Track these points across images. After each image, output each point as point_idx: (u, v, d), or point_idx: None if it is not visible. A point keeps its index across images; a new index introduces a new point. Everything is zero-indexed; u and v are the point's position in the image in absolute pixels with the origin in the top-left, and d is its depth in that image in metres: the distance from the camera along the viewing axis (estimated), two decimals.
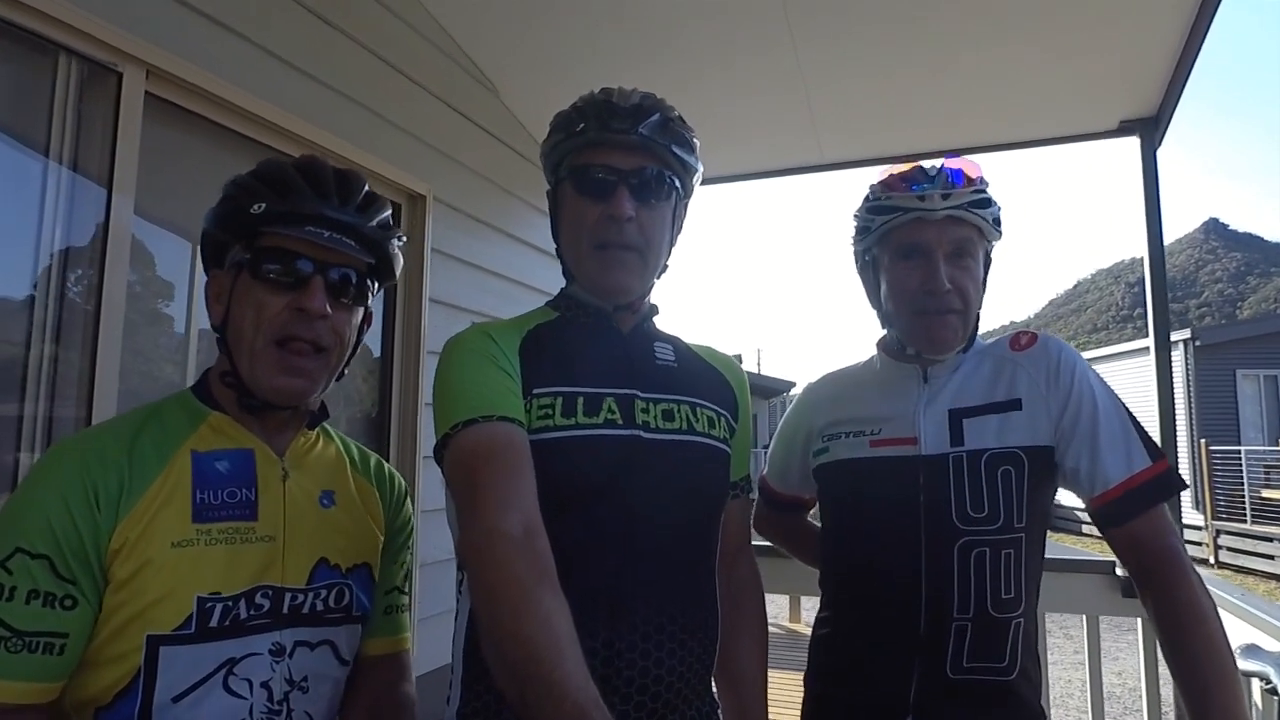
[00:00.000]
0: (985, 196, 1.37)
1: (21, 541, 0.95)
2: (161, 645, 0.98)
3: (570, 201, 1.20)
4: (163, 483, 1.04)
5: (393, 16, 3.03)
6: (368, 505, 1.26)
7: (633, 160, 1.17)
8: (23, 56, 1.86)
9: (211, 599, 1.02)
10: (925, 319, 1.37)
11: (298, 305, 1.09)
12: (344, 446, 1.30)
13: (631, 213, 1.15)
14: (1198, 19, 2.71)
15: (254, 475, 1.11)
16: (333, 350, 1.14)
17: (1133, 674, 6.70)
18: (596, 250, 1.18)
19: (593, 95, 1.20)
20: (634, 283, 1.20)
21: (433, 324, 3.19)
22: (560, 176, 1.23)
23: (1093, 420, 1.31)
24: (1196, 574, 1.23)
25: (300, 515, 1.14)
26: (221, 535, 1.05)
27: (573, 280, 1.26)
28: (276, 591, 1.08)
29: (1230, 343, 16.96)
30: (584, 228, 1.18)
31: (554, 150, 1.23)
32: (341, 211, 1.12)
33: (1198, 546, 14.14)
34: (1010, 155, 3.97)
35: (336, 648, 1.16)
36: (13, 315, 1.85)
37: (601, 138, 1.16)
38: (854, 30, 3.05)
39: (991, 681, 1.29)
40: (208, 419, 1.12)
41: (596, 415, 1.13)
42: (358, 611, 1.19)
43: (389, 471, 1.35)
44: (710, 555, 1.21)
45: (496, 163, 3.70)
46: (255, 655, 1.05)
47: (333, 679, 1.16)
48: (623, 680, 1.04)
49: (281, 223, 1.09)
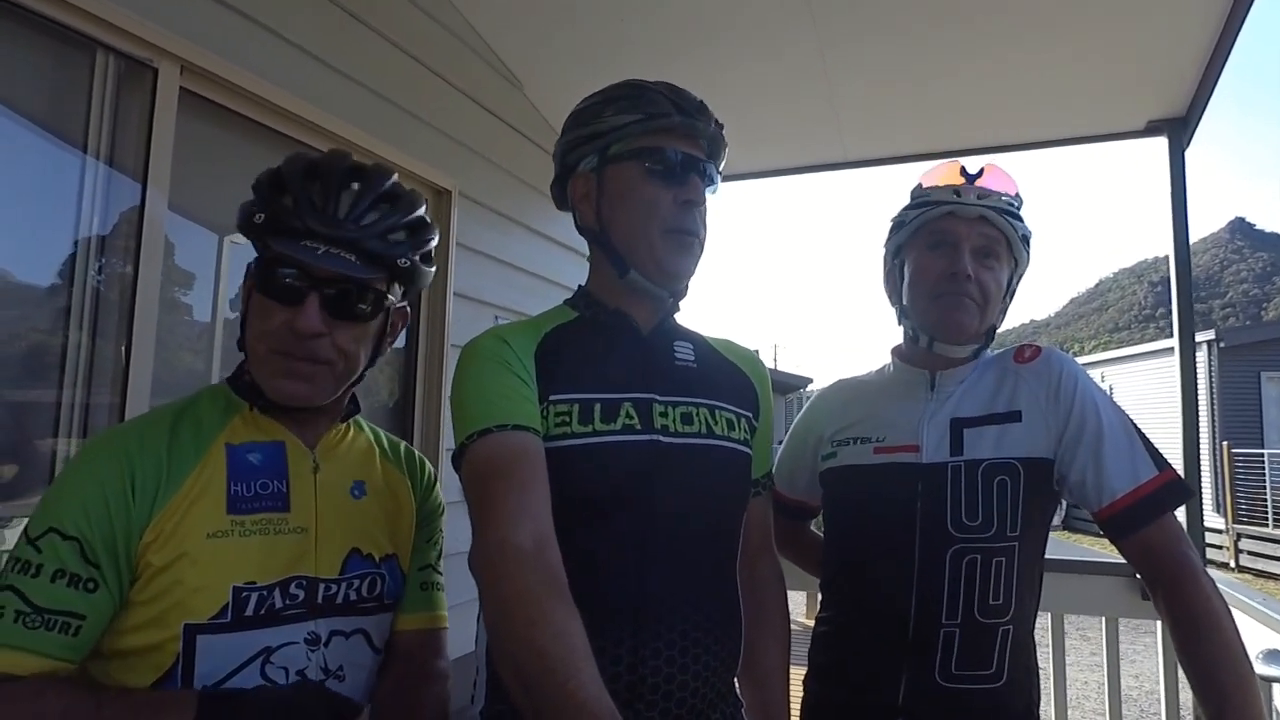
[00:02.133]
0: (1017, 211, 1.42)
1: (55, 522, 0.98)
2: (199, 634, 1.01)
3: (637, 183, 1.17)
4: (199, 475, 1.06)
5: (421, 13, 3.06)
6: (398, 494, 1.28)
7: (700, 150, 1.21)
8: (62, 52, 1.90)
9: (247, 588, 1.04)
10: (942, 301, 1.40)
11: (290, 325, 1.07)
12: (374, 437, 1.31)
13: (702, 201, 1.19)
14: (1229, 21, 2.67)
15: (285, 467, 1.13)
16: (337, 362, 1.12)
17: (1150, 677, 6.66)
18: (669, 234, 1.17)
19: (660, 84, 1.21)
20: (694, 269, 1.22)
21: (457, 318, 3.22)
22: (618, 155, 1.18)
23: (1096, 433, 1.32)
24: (1209, 579, 1.24)
25: (332, 506, 1.15)
26: (255, 526, 1.07)
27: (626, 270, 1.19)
28: (310, 582, 1.10)
29: (1255, 344, 16.69)
30: (655, 211, 1.16)
31: (625, 128, 1.17)
32: (341, 224, 1.07)
33: (1218, 550, 13.99)
34: (1032, 153, 3.94)
35: (370, 637, 1.18)
36: (51, 305, 1.89)
37: (688, 125, 1.17)
38: (879, 29, 3.04)
39: (979, 690, 1.30)
40: (240, 412, 1.14)
41: (614, 421, 1.13)
42: (389, 600, 1.21)
43: (418, 457, 1.37)
44: (733, 557, 1.22)
45: (521, 159, 3.71)
46: (291, 644, 1.06)
47: (367, 668, 1.18)
48: (648, 688, 1.05)
49: (278, 235, 1.07)
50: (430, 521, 1.34)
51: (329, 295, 1.09)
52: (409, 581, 1.28)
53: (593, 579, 1.03)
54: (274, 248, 1.07)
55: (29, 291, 1.87)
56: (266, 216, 1.07)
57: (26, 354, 1.86)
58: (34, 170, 1.87)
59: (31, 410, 1.87)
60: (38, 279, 1.89)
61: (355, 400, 1.25)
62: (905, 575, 1.34)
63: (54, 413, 1.88)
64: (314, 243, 1.06)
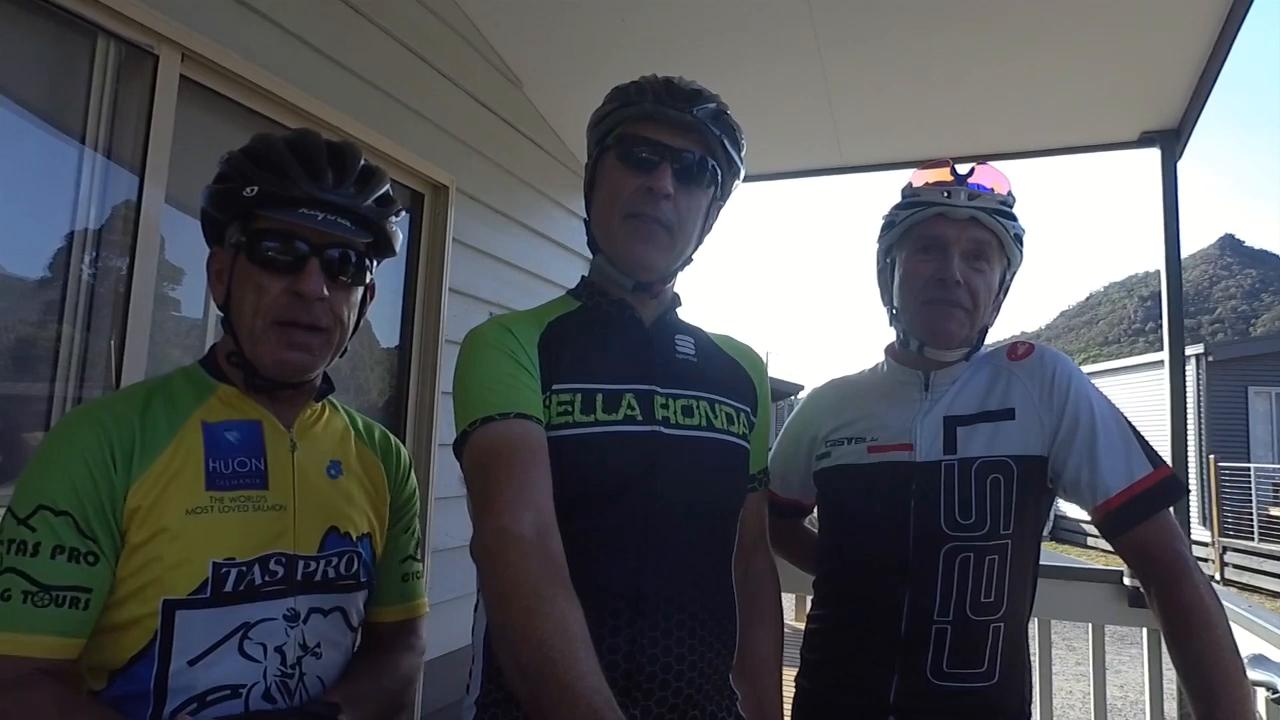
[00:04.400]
0: (1010, 210, 1.40)
1: (44, 499, 0.97)
2: (178, 609, 1.00)
3: (611, 171, 1.19)
4: (174, 451, 1.05)
5: (422, 8, 3.06)
6: (371, 475, 1.28)
7: (682, 141, 1.17)
8: (63, 37, 1.90)
9: (226, 564, 1.03)
10: (931, 308, 1.39)
11: (294, 289, 1.08)
12: (349, 418, 1.31)
13: (670, 190, 1.14)
14: (1222, 33, 2.70)
15: (263, 446, 1.13)
16: (333, 330, 1.14)
17: (1135, 687, 6.69)
18: (628, 219, 1.16)
19: (654, 76, 1.20)
20: (659, 259, 1.18)
21: (452, 313, 3.22)
22: (605, 146, 1.21)
23: (1090, 431, 1.32)
24: (1204, 577, 1.24)
25: (309, 485, 1.16)
26: (234, 503, 1.07)
27: (599, 252, 1.24)
28: (290, 559, 1.10)
29: (1243, 359, 16.85)
30: (619, 197, 1.17)
31: (605, 118, 1.21)
32: (336, 192, 1.11)
33: (1204, 563, 14.07)
34: (1023, 164, 3.96)
35: (347, 614, 1.18)
36: (46, 295, 1.89)
37: (658, 111, 1.16)
38: (879, 35, 3.06)
39: (971, 689, 1.30)
40: (216, 391, 1.14)
41: (616, 412, 1.13)
42: (365, 578, 1.21)
43: (394, 443, 1.36)
44: (729, 550, 1.22)
45: (519, 156, 3.72)
46: (270, 620, 1.06)
47: (344, 645, 1.18)
48: (645, 676, 1.05)
49: (275, 205, 1.08)
50: (406, 510, 1.35)
51: (329, 259, 1.11)
52: (389, 574, 1.30)
53: (592, 568, 1.03)
54: (268, 218, 1.09)
55: (22, 284, 1.86)
56: (259, 190, 1.07)
57: (19, 347, 1.85)
58: (32, 158, 1.87)
59: (23, 403, 1.86)
60: (31, 271, 1.88)
61: (329, 379, 1.25)
62: (898, 573, 1.35)
63: (46, 405, 1.87)
64: (312, 209, 1.09)
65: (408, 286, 3.15)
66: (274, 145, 1.12)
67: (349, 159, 1.15)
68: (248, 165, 1.10)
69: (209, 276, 1.17)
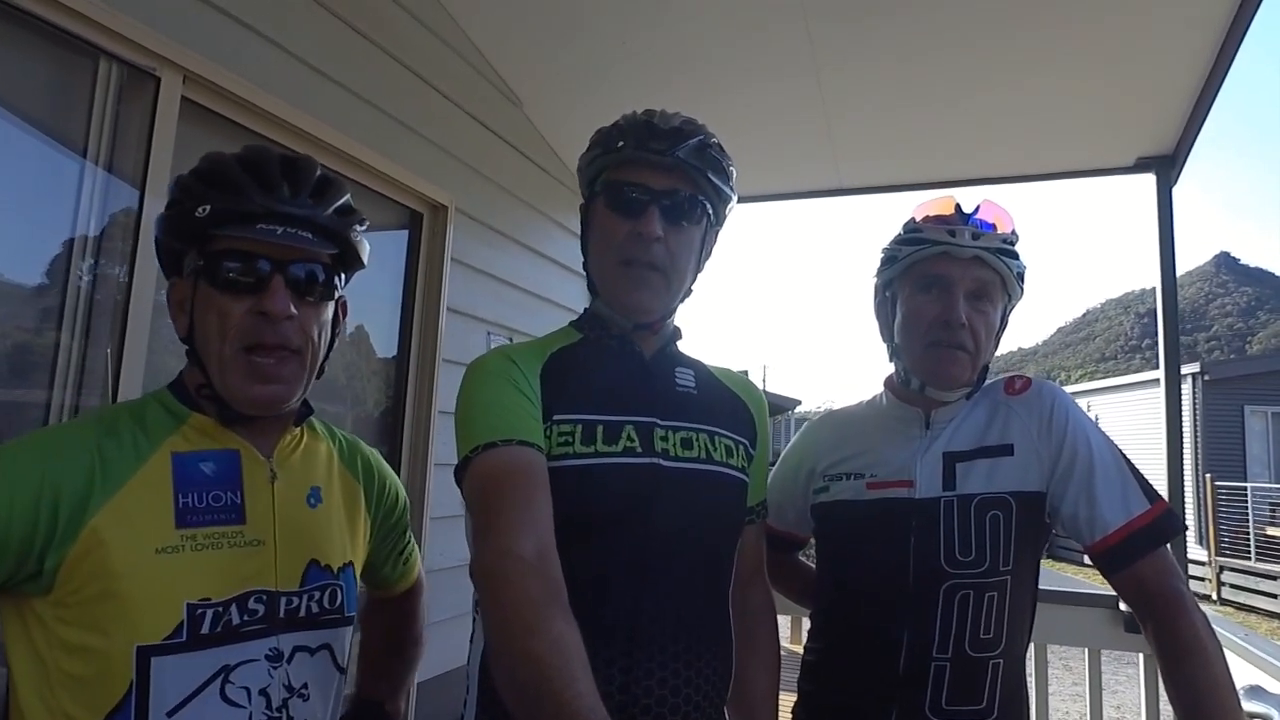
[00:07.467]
0: (1013, 249, 1.39)
1: None
2: (153, 656, 0.95)
3: (601, 217, 1.21)
4: (140, 482, 0.99)
5: (422, 28, 3.08)
6: (351, 499, 1.25)
7: (667, 181, 1.17)
8: (66, 59, 1.91)
9: (202, 605, 0.98)
10: (936, 351, 1.38)
11: (259, 309, 1.03)
12: (330, 438, 1.27)
13: (660, 233, 1.15)
14: (1216, 63, 2.73)
15: (240, 478, 1.07)
16: (305, 350, 1.08)
17: (1131, 708, 6.66)
18: (621, 266, 1.18)
19: (635, 114, 1.21)
20: (655, 302, 1.20)
21: (450, 333, 3.22)
22: (595, 191, 1.23)
23: (1088, 467, 1.32)
24: (1200, 612, 1.24)
25: (290, 517, 1.11)
26: (208, 540, 1.01)
27: (597, 296, 1.26)
28: (271, 596, 1.05)
29: (1239, 378, 16.84)
30: (611, 243, 1.18)
31: (591, 164, 1.23)
32: (293, 204, 1.05)
33: (1201, 582, 14.02)
34: (1022, 184, 3.99)
35: (334, 653, 1.15)
36: (46, 308, 1.89)
37: (638, 156, 1.16)
38: (876, 58, 3.08)
39: None
40: (189, 420, 1.07)
41: (616, 444, 1.14)
42: (350, 612, 1.18)
43: (374, 463, 1.32)
44: (726, 582, 1.22)
45: (518, 176, 3.73)
46: (252, 662, 1.02)
47: (333, 686, 1.15)
48: (639, 709, 1.05)
49: (230, 223, 1.02)
50: (395, 527, 1.37)
51: (294, 276, 1.06)
52: (390, 564, 1.38)
53: (589, 597, 1.03)
54: (225, 238, 1.03)
55: (24, 296, 1.87)
56: (212, 208, 1.02)
57: (16, 354, 1.85)
58: (36, 178, 1.88)
59: (22, 411, 1.86)
60: (33, 284, 1.88)
61: (307, 403, 1.19)
62: (897, 610, 1.34)
63: (43, 414, 1.87)
64: (271, 224, 1.03)
65: (405, 306, 3.15)
66: (223, 162, 1.07)
67: (303, 169, 1.10)
68: (197, 185, 1.05)
69: (170, 309, 1.11)
